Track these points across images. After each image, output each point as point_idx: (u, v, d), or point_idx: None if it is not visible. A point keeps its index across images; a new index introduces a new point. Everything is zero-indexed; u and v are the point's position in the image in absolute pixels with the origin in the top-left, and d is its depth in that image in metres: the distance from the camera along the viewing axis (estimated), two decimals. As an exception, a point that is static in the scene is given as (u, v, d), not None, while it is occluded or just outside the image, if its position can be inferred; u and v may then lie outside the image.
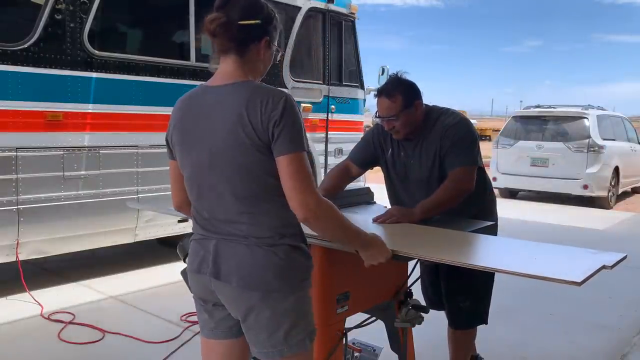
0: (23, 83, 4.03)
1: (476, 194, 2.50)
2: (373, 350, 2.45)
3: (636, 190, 12.37)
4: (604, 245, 6.55)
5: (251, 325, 1.63)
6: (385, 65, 7.43)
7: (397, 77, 2.56)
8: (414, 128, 2.55)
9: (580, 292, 4.54)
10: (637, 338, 3.74)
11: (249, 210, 1.60)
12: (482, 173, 2.64)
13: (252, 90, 1.58)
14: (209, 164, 1.61)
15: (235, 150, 1.56)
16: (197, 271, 1.69)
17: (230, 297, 1.64)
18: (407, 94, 2.51)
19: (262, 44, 1.67)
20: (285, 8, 5.81)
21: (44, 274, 4.78)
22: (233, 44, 1.63)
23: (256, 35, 1.66)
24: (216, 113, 1.60)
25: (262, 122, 1.53)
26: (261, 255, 1.59)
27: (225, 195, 1.61)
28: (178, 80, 4.90)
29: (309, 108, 6.15)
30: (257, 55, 1.68)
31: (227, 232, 1.63)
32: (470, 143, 2.51)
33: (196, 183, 1.68)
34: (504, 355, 3.20)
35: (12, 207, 4.02)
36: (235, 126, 1.55)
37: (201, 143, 1.62)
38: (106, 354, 3.33)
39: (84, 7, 4.32)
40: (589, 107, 10.61)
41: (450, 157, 2.47)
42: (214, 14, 1.62)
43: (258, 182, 1.59)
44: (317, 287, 2.00)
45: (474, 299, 2.65)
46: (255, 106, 1.54)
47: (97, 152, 4.45)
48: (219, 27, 1.61)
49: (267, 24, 1.68)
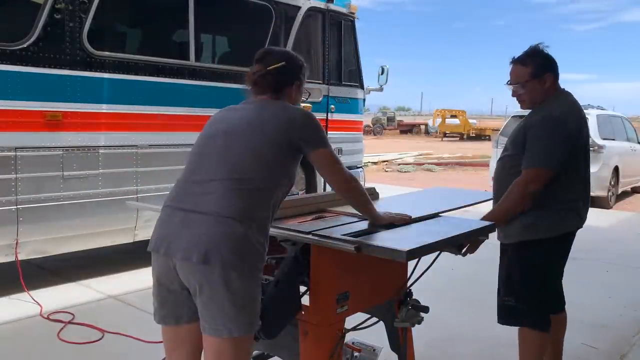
0: (22, 83, 4.02)
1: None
2: (373, 350, 2.45)
3: (636, 190, 12.36)
4: (603, 245, 6.55)
5: (205, 300, 1.73)
6: (385, 65, 7.43)
7: (535, 46, 2.56)
8: (539, 102, 2.53)
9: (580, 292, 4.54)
10: (637, 338, 3.74)
11: (227, 188, 1.76)
12: None
13: (283, 104, 1.97)
14: (223, 134, 1.88)
15: (251, 131, 1.84)
16: (157, 250, 1.80)
17: (188, 273, 1.74)
18: (539, 64, 2.51)
19: (294, 87, 2.06)
20: (285, 7, 5.81)
21: (43, 274, 4.77)
22: (269, 88, 2.00)
23: (290, 80, 2.04)
24: (246, 112, 1.94)
25: (291, 126, 1.87)
26: (222, 233, 1.71)
27: (214, 167, 1.81)
28: (177, 80, 4.89)
29: (309, 108, 6.15)
30: (289, 96, 2.05)
31: (195, 208, 1.76)
32: (541, 144, 2.44)
33: (193, 154, 1.92)
34: (503, 355, 3.20)
35: (11, 207, 4.01)
36: (262, 119, 1.87)
37: (220, 122, 1.95)
38: (105, 354, 3.33)
39: (84, 6, 4.32)
40: (589, 107, 10.60)
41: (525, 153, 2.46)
42: (256, 66, 2.01)
43: (257, 161, 1.80)
44: (317, 287, 2.00)
45: (512, 294, 2.61)
46: (287, 113, 1.90)
47: (96, 151, 4.44)
48: (259, 78, 1.99)
49: (298, 71, 2.07)
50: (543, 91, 2.54)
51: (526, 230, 2.54)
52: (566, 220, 2.56)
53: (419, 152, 24.02)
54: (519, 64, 2.56)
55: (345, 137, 6.69)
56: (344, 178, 1.98)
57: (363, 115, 7.51)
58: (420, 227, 2.20)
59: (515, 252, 2.62)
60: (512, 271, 2.63)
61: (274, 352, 2.37)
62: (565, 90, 2.63)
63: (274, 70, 1.98)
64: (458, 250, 2.23)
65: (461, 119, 40.52)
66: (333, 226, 2.08)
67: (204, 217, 1.73)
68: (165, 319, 1.90)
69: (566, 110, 2.51)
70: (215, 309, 1.72)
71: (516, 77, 2.56)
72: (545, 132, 2.44)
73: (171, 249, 1.75)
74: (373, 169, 16.79)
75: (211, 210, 1.73)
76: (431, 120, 43.92)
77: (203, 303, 1.75)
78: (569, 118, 2.49)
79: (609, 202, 10.04)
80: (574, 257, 2.81)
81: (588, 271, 5.33)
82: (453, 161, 19.99)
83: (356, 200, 2.08)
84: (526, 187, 2.45)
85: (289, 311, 1.98)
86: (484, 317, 2.67)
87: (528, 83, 2.52)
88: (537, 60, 2.54)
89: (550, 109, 2.50)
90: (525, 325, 2.62)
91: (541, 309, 2.60)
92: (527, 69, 2.52)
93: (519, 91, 2.56)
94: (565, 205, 2.54)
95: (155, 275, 1.88)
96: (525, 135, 2.50)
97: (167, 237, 1.78)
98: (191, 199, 1.79)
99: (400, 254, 1.80)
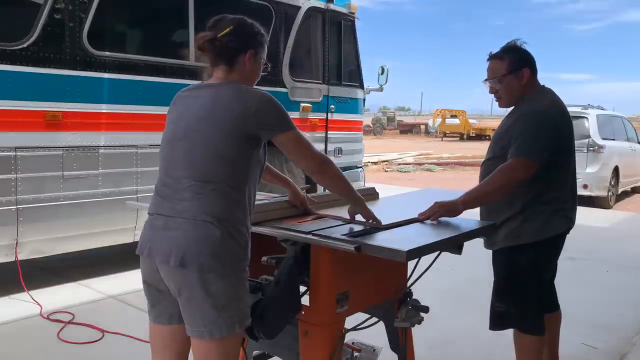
0: (22, 83, 4.02)
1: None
2: (373, 350, 2.44)
3: (636, 190, 12.37)
4: (603, 244, 6.55)
5: (185, 303, 1.74)
6: (385, 65, 7.43)
7: (512, 42, 2.53)
8: (517, 98, 2.49)
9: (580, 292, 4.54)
10: (637, 338, 3.74)
11: (199, 189, 1.73)
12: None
13: (239, 87, 1.82)
14: (183, 135, 1.80)
15: (208, 128, 1.76)
16: (141, 253, 1.81)
17: (168, 275, 1.75)
18: (516, 58, 2.47)
19: (248, 57, 1.89)
20: (285, 8, 5.81)
21: (43, 274, 4.77)
22: (221, 57, 1.87)
23: (242, 47, 1.89)
24: (202, 100, 1.82)
25: (248, 112, 1.75)
26: (199, 236, 1.70)
27: (182, 169, 1.77)
28: (177, 80, 4.89)
29: (309, 108, 6.15)
30: (243, 66, 1.90)
31: (172, 212, 1.75)
32: (527, 135, 2.37)
33: (162, 158, 1.86)
34: (503, 355, 3.20)
35: (11, 207, 4.01)
36: (217, 110, 1.76)
37: (179, 119, 1.84)
38: (105, 354, 3.33)
39: (83, 6, 4.32)
40: (589, 107, 10.59)
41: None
42: (203, 32, 1.87)
43: (220, 160, 1.74)
44: (317, 287, 1.99)
45: (502, 301, 2.57)
46: (242, 99, 1.77)
47: (96, 151, 4.44)
48: (206, 43, 1.85)
49: (250, 38, 1.92)
50: (520, 87, 2.49)
51: (512, 236, 2.49)
52: (553, 223, 2.48)
53: (419, 152, 24.02)
54: (496, 59, 2.52)
55: (345, 137, 6.69)
56: (315, 160, 1.90)
57: (363, 115, 7.51)
58: (420, 227, 2.19)
59: (503, 258, 2.57)
60: (501, 277, 2.60)
61: (274, 352, 2.37)
62: (545, 87, 2.58)
63: (224, 37, 1.85)
64: (458, 250, 2.23)
65: (461, 119, 40.53)
66: (333, 226, 2.08)
67: (182, 221, 1.73)
68: (158, 318, 1.90)
69: (548, 106, 2.46)
70: (195, 311, 1.72)
71: (493, 72, 2.52)
72: (529, 125, 2.38)
73: (152, 251, 1.76)
74: (373, 169, 16.79)
75: (188, 215, 1.72)
76: (431, 120, 43.93)
77: (183, 305, 1.75)
78: (552, 113, 2.44)
79: (609, 202, 10.04)
80: (574, 257, 2.82)
81: (588, 271, 5.33)
82: (453, 161, 19.99)
83: (333, 184, 2.00)
84: (509, 174, 2.36)
85: (289, 311, 1.98)
86: (484, 317, 2.66)
87: (505, 78, 2.48)
88: (513, 55, 2.50)
89: (530, 106, 2.45)
90: (518, 329, 2.58)
91: (532, 314, 2.54)
92: (504, 64, 2.48)
93: (495, 87, 2.52)
94: (551, 207, 2.47)
95: (143, 277, 1.88)
96: (510, 137, 2.43)
97: (150, 239, 1.79)
98: (168, 204, 1.78)
99: (400, 254, 1.80)
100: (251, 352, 2.32)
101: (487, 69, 2.56)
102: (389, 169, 17.41)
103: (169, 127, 1.89)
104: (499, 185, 2.37)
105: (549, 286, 2.74)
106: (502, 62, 2.49)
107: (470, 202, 2.34)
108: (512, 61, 2.47)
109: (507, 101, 2.55)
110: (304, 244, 1.98)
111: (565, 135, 2.49)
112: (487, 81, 2.55)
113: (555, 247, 2.59)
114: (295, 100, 5.99)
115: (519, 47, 2.53)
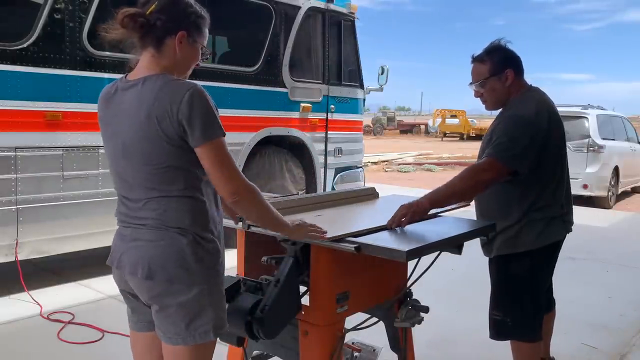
0: (22, 83, 4.02)
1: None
2: (373, 350, 2.45)
3: (636, 190, 12.37)
4: (603, 244, 6.55)
5: (156, 313, 1.70)
6: (385, 65, 7.42)
7: (495, 42, 2.44)
8: (503, 101, 2.42)
9: (580, 292, 4.53)
10: (637, 338, 3.74)
11: (156, 202, 1.66)
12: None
13: (161, 84, 1.61)
14: (122, 154, 1.67)
15: (144, 142, 1.61)
16: (112, 263, 1.77)
17: (137, 287, 1.72)
18: (497, 60, 2.38)
19: (177, 39, 1.67)
20: (285, 7, 5.80)
21: (43, 274, 4.77)
22: (147, 38, 1.66)
23: (171, 29, 1.66)
24: (128, 107, 1.64)
25: (171, 116, 1.56)
26: (165, 247, 1.64)
27: (135, 186, 1.68)
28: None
29: (309, 108, 6.15)
30: (172, 50, 1.68)
31: (136, 222, 1.69)
32: (505, 138, 2.30)
33: (113, 173, 1.76)
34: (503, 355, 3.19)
35: (11, 207, 4.01)
36: (145, 120, 1.59)
37: (116, 136, 1.68)
38: (105, 354, 3.33)
39: (83, 6, 4.31)
40: (589, 107, 10.59)
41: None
42: (127, 7, 1.64)
43: (166, 173, 1.63)
44: (317, 287, 2.00)
45: (498, 309, 2.54)
46: (163, 101, 1.57)
47: (96, 151, 4.44)
48: (127, 18, 1.63)
49: (183, 18, 1.69)
50: (505, 89, 2.41)
51: (509, 244, 2.44)
52: (551, 230, 2.42)
53: (419, 152, 24.02)
54: (478, 62, 2.44)
55: (345, 137, 6.69)
56: (231, 187, 1.62)
57: (363, 115, 7.51)
58: (420, 227, 2.19)
59: (500, 266, 2.53)
60: (497, 285, 2.56)
61: (274, 352, 2.37)
62: (533, 87, 2.50)
63: (151, 15, 1.63)
64: (458, 250, 2.22)
65: (461, 119, 40.53)
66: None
67: (147, 232, 1.67)
68: (137, 324, 1.87)
69: (534, 109, 2.36)
70: (165, 320, 1.68)
71: (476, 76, 2.44)
72: (511, 128, 2.31)
73: (121, 262, 1.72)
74: (373, 169, 16.79)
75: (151, 225, 1.66)
76: (431, 120, 43.93)
77: (154, 314, 1.72)
78: (539, 117, 2.33)
79: (609, 202, 10.04)
80: (574, 257, 2.82)
81: (588, 271, 5.33)
82: (453, 161, 19.98)
83: (250, 217, 1.84)
84: (478, 176, 2.30)
85: (289, 311, 1.98)
86: (484, 317, 2.66)
87: (487, 81, 2.40)
88: (495, 56, 2.41)
89: (516, 110, 2.38)
90: (514, 339, 2.55)
91: (529, 322, 2.50)
92: (485, 66, 2.40)
93: (480, 90, 2.44)
94: (548, 214, 2.41)
95: (118, 287, 1.84)
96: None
97: (119, 250, 1.75)
98: (133, 214, 1.71)
99: (400, 254, 1.80)
100: (251, 352, 2.31)
101: (471, 72, 2.48)
102: (389, 169, 17.41)
103: (106, 142, 1.74)
104: (468, 186, 2.32)
105: (546, 292, 2.69)
106: (484, 65, 2.41)
107: (438, 201, 2.28)
108: (493, 63, 2.39)
109: (492, 104, 2.48)
110: (304, 244, 1.98)
111: (554, 140, 2.41)
112: (471, 85, 2.48)
113: (553, 253, 2.54)
114: (295, 100, 5.99)
115: (502, 47, 2.45)
